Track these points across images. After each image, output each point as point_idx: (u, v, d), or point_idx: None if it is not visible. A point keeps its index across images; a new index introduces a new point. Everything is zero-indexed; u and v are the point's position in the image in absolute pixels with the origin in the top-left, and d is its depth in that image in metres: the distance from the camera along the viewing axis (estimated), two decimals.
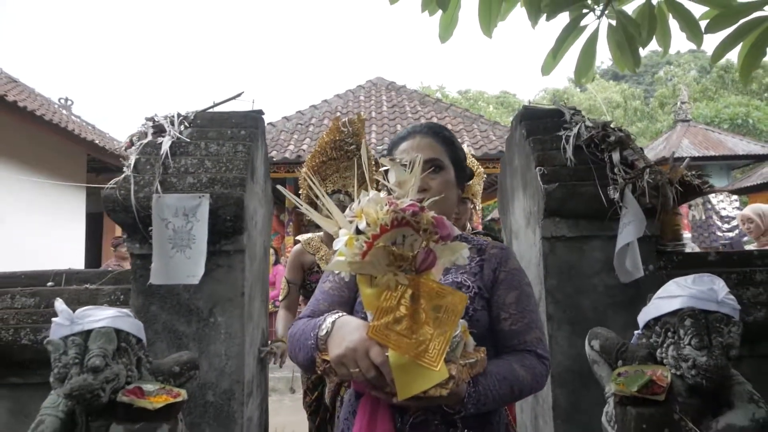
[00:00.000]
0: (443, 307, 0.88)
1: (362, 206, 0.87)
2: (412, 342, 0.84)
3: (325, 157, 2.44)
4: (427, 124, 1.31)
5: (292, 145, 6.84)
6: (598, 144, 1.88)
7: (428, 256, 0.86)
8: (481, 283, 1.14)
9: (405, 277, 0.86)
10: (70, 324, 1.28)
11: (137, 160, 1.87)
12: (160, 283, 1.75)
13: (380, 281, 0.86)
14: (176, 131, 1.96)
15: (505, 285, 1.15)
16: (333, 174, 2.45)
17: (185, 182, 1.82)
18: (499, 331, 1.12)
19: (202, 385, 1.76)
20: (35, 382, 1.92)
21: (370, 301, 0.89)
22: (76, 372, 1.24)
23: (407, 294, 0.86)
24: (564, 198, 1.83)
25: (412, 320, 0.86)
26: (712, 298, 1.34)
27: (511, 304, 1.12)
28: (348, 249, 0.83)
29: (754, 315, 1.94)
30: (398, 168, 0.95)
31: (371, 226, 0.83)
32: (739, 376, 1.40)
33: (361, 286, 0.91)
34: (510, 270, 1.17)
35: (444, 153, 1.24)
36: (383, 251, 0.85)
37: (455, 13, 2.33)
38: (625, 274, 1.80)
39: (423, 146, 1.21)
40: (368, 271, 0.86)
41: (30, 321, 1.89)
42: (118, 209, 1.78)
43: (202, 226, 1.76)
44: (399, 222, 0.84)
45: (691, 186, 1.82)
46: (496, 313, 1.13)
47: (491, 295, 1.14)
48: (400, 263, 0.86)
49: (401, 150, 1.23)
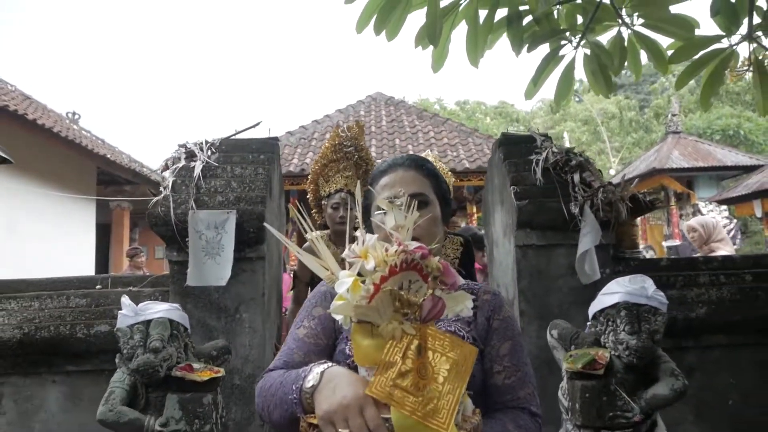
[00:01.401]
0: (452, 362, 0.80)
1: (366, 246, 0.81)
2: (420, 400, 0.75)
3: (326, 160, 2.68)
4: (409, 156, 1.24)
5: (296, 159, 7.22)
6: (562, 167, 2.23)
7: (437, 304, 0.79)
8: (475, 332, 1.07)
9: (411, 326, 0.79)
10: (135, 315, 1.63)
11: (174, 181, 2.22)
12: (194, 285, 2.10)
13: (384, 330, 0.78)
14: (205, 156, 2.31)
15: (498, 335, 1.08)
16: (335, 175, 2.67)
17: (215, 200, 2.18)
18: (492, 385, 1.05)
19: (230, 371, 2.10)
20: (87, 370, 2.27)
21: (367, 354, 0.80)
22: (141, 352, 1.59)
23: (413, 345, 0.78)
24: (534, 212, 2.18)
25: (419, 375, 0.77)
26: (642, 294, 1.68)
27: (504, 356, 1.07)
28: (352, 293, 0.77)
29: (697, 312, 2.28)
30: (396, 211, 0.89)
31: (379, 267, 0.78)
32: (665, 356, 1.74)
33: (355, 337, 0.81)
34: (503, 318, 1.11)
35: (429, 186, 1.17)
36: (390, 296, 0.78)
37: (445, 47, 2.67)
38: (585, 277, 2.15)
39: (407, 180, 1.14)
40: (372, 317, 0.78)
41: (83, 318, 2.23)
42: (160, 224, 2.13)
43: (229, 237, 2.11)
44: (408, 265, 0.78)
45: (641, 202, 2.17)
46: (489, 365, 1.06)
47: (485, 346, 1.07)
48: (406, 311, 0.79)
49: (383, 184, 1.15)
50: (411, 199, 1.01)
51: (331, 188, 2.65)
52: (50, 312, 2.25)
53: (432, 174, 1.20)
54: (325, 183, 2.69)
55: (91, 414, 2.22)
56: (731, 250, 3.31)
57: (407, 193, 1.02)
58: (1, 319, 2.22)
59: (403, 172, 1.16)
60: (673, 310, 2.26)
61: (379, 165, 1.23)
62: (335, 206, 2.57)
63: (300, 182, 6.50)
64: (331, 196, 2.62)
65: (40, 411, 2.27)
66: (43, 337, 2.20)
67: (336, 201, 2.58)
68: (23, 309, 2.26)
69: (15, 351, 2.22)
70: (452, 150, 7.87)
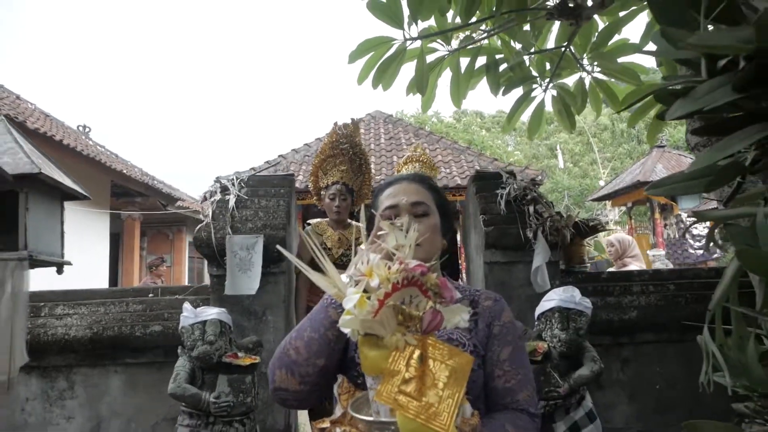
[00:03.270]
0: (451, 369, 0.87)
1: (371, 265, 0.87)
2: (422, 405, 0.82)
3: (325, 155, 3.08)
4: (413, 173, 1.34)
5: (301, 176, 7.79)
6: (521, 200, 2.81)
7: (435, 317, 0.85)
8: (476, 340, 1.10)
9: (413, 338, 0.86)
10: (195, 317, 2.20)
11: (213, 211, 2.80)
12: (230, 294, 2.67)
13: (388, 342, 0.85)
14: (236, 191, 2.89)
15: (499, 340, 1.11)
16: (332, 169, 3.07)
17: (246, 227, 2.75)
18: (492, 389, 1.08)
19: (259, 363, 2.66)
20: (143, 362, 2.84)
21: (373, 364, 0.87)
22: (200, 344, 2.16)
23: (415, 355, 0.85)
24: (498, 236, 2.76)
25: (421, 382, 0.84)
26: (572, 300, 2.26)
27: (504, 361, 1.09)
28: (359, 308, 0.83)
29: (630, 315, 2.85)
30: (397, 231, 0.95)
31: (382, 284, 0.84)
32: (590, 347, 2.31)
33: (362, 349, 0.88)
34: (504, 324, 1.13)
35: (430, 198, 1.20)
36: (393, 311, 0.86)
37: (432, 93, 3.23)
38: (538, 287, 2.72)
39: (410, 191, 1.19)
40: (377, 330, 0.85)
41: (140, 320, 2.80)
42: (203, 245, 2.71)
43: (258, 257, 2.69)
44: (409, 281, 0.85)
45: (582, 228, 2.75)
46: (489, 369, 1.09)
47: (486, 351, 1.10)
48: (408, 323, 0.87)
49: (387, 195, 1.20)
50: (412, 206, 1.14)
51: (328, 180, 3.04)
52: (113, 315, 2.82)
53: (434, 188, 1.26)
54: (324, 175, 3.11)
55: (145, 397, 2.81)
56: (641, 265, 3.83)
57: (409, 201, 1.14)
58: (75, 321, 2.79)
59: (407, 184, 1.21)
60: (611, 313, 2.85)
61: (385, 179, 1.31)
62: (332, 197, 3.05)
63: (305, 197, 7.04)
64: (328, 187, 3.07)
65: (104, 395, 2.84)
66: (108, 335, 2.78)
67: (333, 192, 3.05)
68: (92, 313, 2.83)
69: (85, 347, 2.79)
70: (446, 167, 8.47)
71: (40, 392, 2.82)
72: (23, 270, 2.07)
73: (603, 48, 2.99)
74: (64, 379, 2.82)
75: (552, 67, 3.15)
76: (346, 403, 1.03)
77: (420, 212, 1.15)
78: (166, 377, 2.73)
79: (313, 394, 1.06)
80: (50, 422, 2.81)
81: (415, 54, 2.92)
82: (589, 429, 2.22)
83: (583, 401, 2.27)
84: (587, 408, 2.26)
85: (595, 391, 2.78)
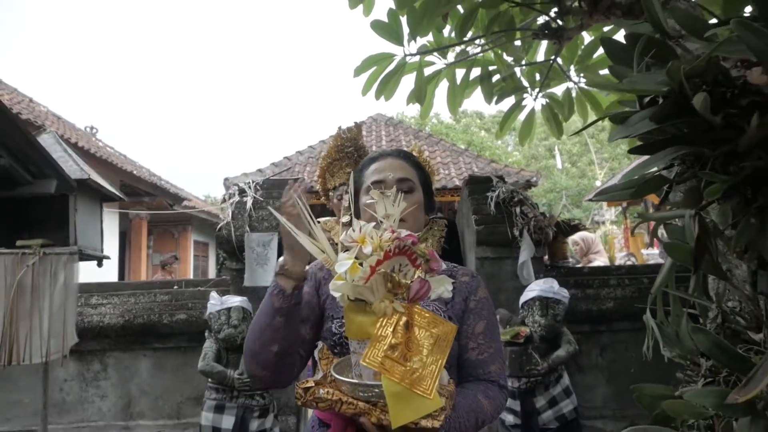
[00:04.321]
0: (435, 337, 0.90)
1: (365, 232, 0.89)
2: (407, 369, 0.85)
3: (331, 158, 3.17)
4: (397, 148, 1.37)
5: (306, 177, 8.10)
6: (509, 202, 3.13)
7: (422, 286, 0.87)
8: (452, 312, 1.13)
9: (401, 305, 0.87)
10: (221, 304, 2.52)
11: (233, 212, 3.12)
12: (248, 285, 2.99)
13: (377, 308, 0.87)
14: (253, 194, 3.21)
15: (474, 314, 1.15)
16: (338, 171, 3.14)
17: (263, 226, 3.07)
18: (465, 360, 1.12)
19: None
20: (169, 347, 3.16)
21: (360, 329, 0.89)
22: (226, 328, 2.48)
23: (401, 322, 0.87)
24: (488, 234, 3.08)
25: (407, 348, 0.86)
26: (550, 290, 2.57)
27: (479, 334, 1.13)
28: (350, 274, 0.85)
29: (608, 305, 3.17)
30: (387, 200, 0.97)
31: (375, 251, 0.85)
32: (567, 331, 2.62)
33: (348, 314, 0.90)
34: (480, 299, 1.17)
35: (415, 175, 1.24)
36: (383, 278, 0.87)
37: (431, 102, 3.53)
38: (524, 280, 3.03)
39: (395, 167, 1.22)
40: (367, 296, 0.87)
41: (167, 310, 3.12)
42: (224, 242, 3.03)
43: (273, 252, 3.00)
44: (400, 250, 0.86)
45: (563, 228, 3.07)
46: (464, 342, 1.13)
47: (461, 324, 1.13)
48: (396, 291, 0.88)
49: (373, 170, 1.23)
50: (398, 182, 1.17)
51: (336, 182, 3.13)
52: (143, 305, 3.14)
53: (417, 165, 1.28)
54: (331, 177, 3.22)
55: (172, 378, 3.13)
56: (605, 261, 4.08)
57: (395, 177, 1.18)
58: (109, 310, 3.11)
59: (391, 160, 1.24)
60: (591, 304, 3.17)
61: (371, 154, 1.34)
62: (339, 197, 3.32)
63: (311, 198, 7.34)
64: (336, 188, 3.31)
65: (134, 377, 3.16)
66: (138, 323, 3.10)
67: (339, 193, 3.28)
68: (123, 303, 3.15)
69: (118, 333, 3.11)
70: (444, 168, 8.78)
71: (76, 374, 3.14)
72: (74, 263, 2.39)
73: (588, 61, 3.30)
74: (98, 362, 3.14)
75: (541, 77, 3.47)
76: (326, 368, 1.06)
77: (406, 188, 1.18)
78: (190, 360, 3.07)
79: (282, 375, 1.08)
80: (86, 400, 3.13)
81: (414, 67, 3.24)
82: (565, 403, 2.54)
83: (561, 379, 2.59)
84: (564, 385, 2.58)
85: (575, 374, 3.10)
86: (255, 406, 2.46)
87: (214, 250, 16.31)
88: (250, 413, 2.44)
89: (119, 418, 3.11)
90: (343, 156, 3.43)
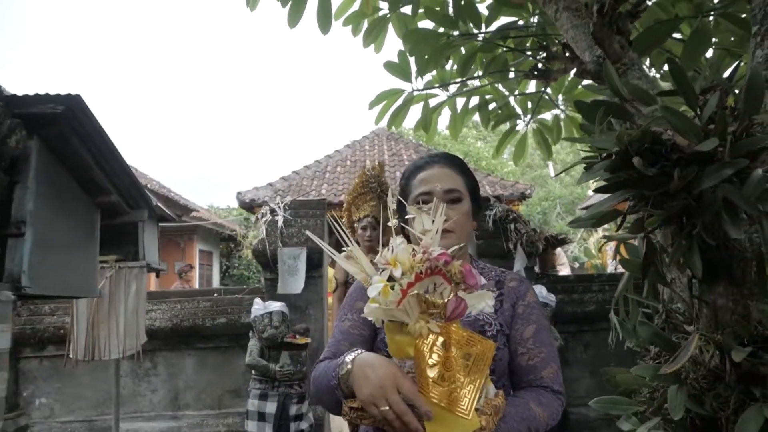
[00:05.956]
0: (473, 356, 0.88)
1: (395, 255, 0.87)
2: (445, 390, 0.84)
3: (356, 193, 3.69)
4: (444, 153, 1.32)
5: (313, 191, 8.59)
6: (504, 219, 3.63)
7: (459, 304, 0.86)
8: (501, 319, 1.12)
9: (436, 325, 0.86)
10: (264, 308, 3.00)
11: (266, 229, 3.61)
12: (281, 293, 3.47)
13: (412, 329, 0.85)
14: (283, 213, 3.70)
15: (522, 319, 1.14)
16: (363, 204, 3.63)
17: (293, 241, 3.56)
18: (516, 366, 1.11)
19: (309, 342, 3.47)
20: (211, 347, 3.64)
21: (399, 348, 0.89)
22: (269, 328, 2.95)
23: (438, 342, 0.86)
24: (486, 247, 3.58)
25: (444, 368, 0.85)
26: (540, 295, 3.06)
27: (528, 339, 1.11)
28: (383, 297, 0.84)
29: (590, 308, 3.67)
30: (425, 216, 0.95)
31: (406, 274, 0.84)
32: (554, 329, 3.11)
33: (389, 334, 0.90)
34: (528, 303, 1.16)
35: (462, 183, 1.20)
36: (417, 299, 0.86)
37: (435, 129, 4.03)
38: None
39: (442, 176, 1.18)
40: (401, 318, 0.86)
41: (209, 314, 3.60)
42: (260, 256, 3.52)
43: (302, 264, 3.49)
44: (432, 271, 0.85)
45: (550, 242, 3.58)
46: (513, 348, 1.11)
47: (510, 330, 1.12)
48: (432, 311, 0.87)
49: (419, 179, 1.20)
50: (445, 193, 1.13)
51: (360, 214, 3.64)
52: (188, 310, 3.62)
53: (465, 171, 1.24)
54: (356, 210, 3.78)
55: (213, 374, 3.61)
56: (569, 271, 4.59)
57: (443, 188, 1.14)
58: (159, 314, 3.59)
59: (438, 169, 1.20)
60: (576, 307, 3.66)
61: (415, 161, 1.27)
62: (364, 227, 3.79)
63: None
64: (360, 220, 3.80)
65: (181, 373, 3.63)
66: (184, 326, 3.57)
67: (364, 224, 3.78)
68: (170, 309, 3.62)
69: (166, 335, 3.58)
70: None
71: (130, 371, 3.61)
72: (143, 275, 2.87)
73: (575, 91, 3.82)
74: (149, 360, 3.61)
75: (533, 106, 3.99)
76: None
77: (453, 198, 1.15)
78: (229, 358, 3.55)
79: None
80: (138, 394, 3.60)
81: (421, 99, 3.75)
82: None
83: None
84: None
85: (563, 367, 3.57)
86: (294, 394, 2.94)
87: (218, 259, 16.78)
88: (289, 400, 2.92)
89: (168, 409, 3.58)
90: (367, 191, 3.91)
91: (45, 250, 1.68)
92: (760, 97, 1.65)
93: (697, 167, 1.61)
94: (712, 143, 1.55)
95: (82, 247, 2.01)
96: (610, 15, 2.20)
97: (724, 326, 1.82)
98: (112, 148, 1.94)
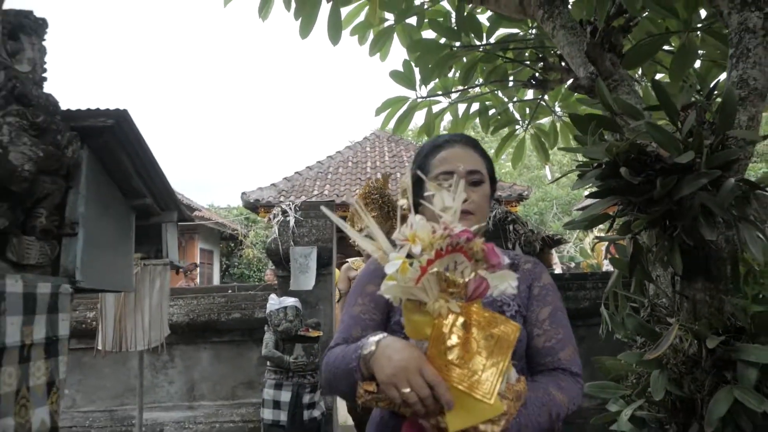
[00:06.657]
0: (495, 337, 0.84)
1: (415, 231, 0.83)
2: (465, 372, 0.81)
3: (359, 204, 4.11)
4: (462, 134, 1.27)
5: (316, 191, 8.78)
6: (504, 220, 3.84)
7: (480, 284, 0.82)
8: (519, 300, 1.09)
9: (456, 305, 0.82)
10: (279, 303, 3.20)
11: (279, 229, 3.80)
12: (293, 289, 3.67)
13: (431, 308, 0.82)
14: (294, 215, 3.90)
15: (538, 300, 1.11)
16: None
17: (304, 240, 3.76)
18: (533, 348, 1.07)
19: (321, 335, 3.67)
20: (225, 341, 3.83)
21: (417, 328, 0.85)
22: (284, 322, 3.15)
23: (458, 322, 0.83)
24: None
25: (464, 349, 0.82)
26: None
27: (544, 321, 1.09)
28: (401, 274, 0.80)
29: (584, 304, 3.87)
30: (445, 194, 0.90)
31: (426, 250, 0.81)
32: None
33: (407, 313, 0.86)
34: (543, 285, 1.14)
35: (483, 165, 1.17)
36: (436, 277, 0.82)
37: (438, 133, 4.24)
38: None
39: (465, 157, 1.14)
40: (420, 297, 0.82)
41: (224, 310, 3.80)
42: (273, 254, 3.71)
43: (313, 262, 3.69)
44: (453, 248, 0.81)
45: (547, 242, 3.79)
46: (530, 329, 1.08)
47: (526, 312, 1.10)
48: (452, 290, 0.83)
49: (440, 158, 1.15)
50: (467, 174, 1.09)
51: (362, 224, 4.11)
52: (203, 306, 3.81)
53: (484, 154, 1.21)
54: (359, 221, 4.18)
55: (227, 367, 3.81)
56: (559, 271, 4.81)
57: (466, 169, 1.11)
58: (177, 310, 3.78)
59: (460, 149, 1.16)
60: (570, 303, 3.86)
61: (434, 140, 1.23)
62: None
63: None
64: (362, 230, 4.10)
65: (197, 365, 3.82)
66: (200, 321, 3.76)
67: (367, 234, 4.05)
68: (187, 304, 3.82)
69: (183, 329, 3.77)
70: None
71: (149, 363, 3.79)
72: (166, 272, 3.07)
73: (570, 98, 4.03)
74: (167, 353, 3.80)
75: (530, 112, 4.20)
76: None
77: (475, 180, 1.12)
78: (243, 352, 3.75)
79: None
80: (156, 385, 3.79)
81: (424, 105, 3.95)
82: None
83: None
84: None
85: None
86: (307, 384, 3.14)
87: (218, 258, 16.95)
88: (303, 389, 3.12)
89: (184, 400, 3.77)
90: (370, 201, 4.18)
91: (93, 249, 1.87)
92: (732, 115, 1.88)
93: (677, 177, 1.83)
94: (689, 156, 1.77)
95: (121, 246, 2.20)
96: (603, 35, 2.42)
97: (701, 318, 2.04)
98: (151, 157, 2.13)
